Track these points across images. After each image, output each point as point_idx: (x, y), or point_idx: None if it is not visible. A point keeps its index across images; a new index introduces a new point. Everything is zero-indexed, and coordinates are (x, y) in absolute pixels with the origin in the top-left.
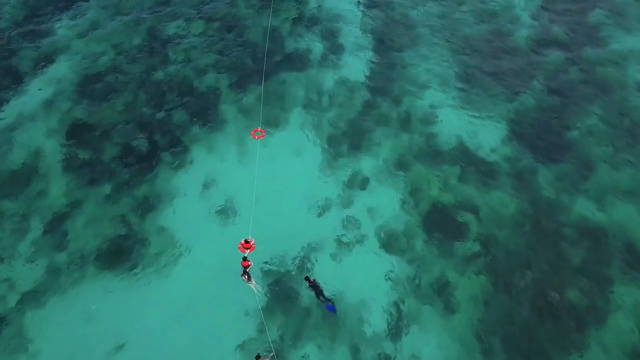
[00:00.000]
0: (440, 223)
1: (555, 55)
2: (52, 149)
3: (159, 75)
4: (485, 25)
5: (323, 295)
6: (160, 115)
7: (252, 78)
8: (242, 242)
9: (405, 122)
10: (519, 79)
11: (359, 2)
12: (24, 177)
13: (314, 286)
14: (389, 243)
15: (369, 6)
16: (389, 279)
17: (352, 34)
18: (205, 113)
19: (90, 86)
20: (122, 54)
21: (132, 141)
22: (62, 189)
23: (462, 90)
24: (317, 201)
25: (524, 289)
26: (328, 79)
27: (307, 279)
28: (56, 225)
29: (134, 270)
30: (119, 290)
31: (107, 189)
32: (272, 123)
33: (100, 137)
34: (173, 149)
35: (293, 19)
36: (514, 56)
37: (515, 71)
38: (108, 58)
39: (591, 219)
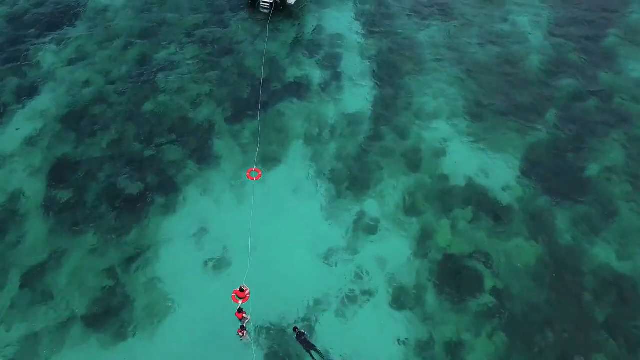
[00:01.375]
0: (453, 274)
1: (569, 82)
2: (32, 191)
3: (149, 106)
4: (495, 50)
5: (313, 353)
6: (150, 151)
7: (248, 109)
8: (237, 290)
9: (412, 159)
10: (532, 110)
11: (360, 25)
12: (0, 223)
13: (303, 342)
14: (398, 298)
15: (371, 29)
16: (399, 340)
17: (354, 60)
18: (199, 149)
19: (74, 120)
20: (109, 83)
21: (119, 181)
22: (42, 236)
23: (471, 122)
24: (320, 249)
25: (545, 350)
26: (329, 110)
27: (295, 330)
28: (35, 279)
29: (121, 330)
30: (104, 353)
31: (91, 236)
32: (270, 160)
33: (85, 177)
34: (164, 190)
35: (291, 44)
36: (526, 84)
37: (527, 100)
38: (94, 88)
39: (615, 267)
